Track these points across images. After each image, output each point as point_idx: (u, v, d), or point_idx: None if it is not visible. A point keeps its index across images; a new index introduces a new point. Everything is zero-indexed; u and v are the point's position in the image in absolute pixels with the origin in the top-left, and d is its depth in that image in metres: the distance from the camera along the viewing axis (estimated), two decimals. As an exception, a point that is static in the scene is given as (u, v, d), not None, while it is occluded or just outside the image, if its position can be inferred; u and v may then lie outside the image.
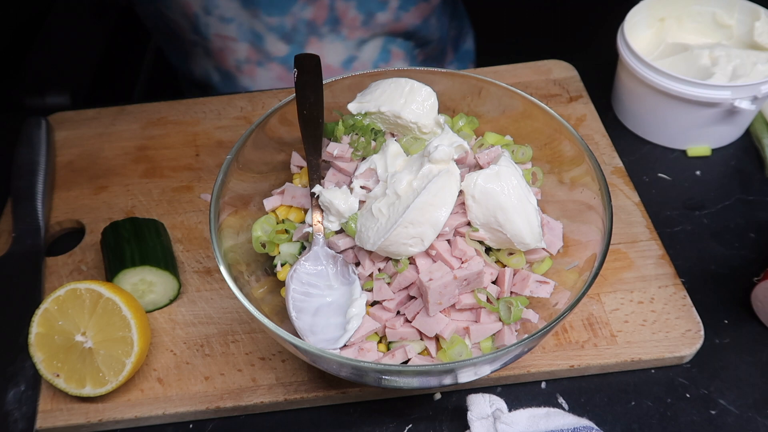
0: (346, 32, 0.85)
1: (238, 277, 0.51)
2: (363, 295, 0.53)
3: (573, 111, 0.75)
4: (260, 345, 0.58)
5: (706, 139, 0.72)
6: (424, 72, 0.61)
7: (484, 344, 0.53)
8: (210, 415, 0.55)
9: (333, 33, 0.85)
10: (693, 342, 0.56)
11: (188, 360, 0.57)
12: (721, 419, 0.54)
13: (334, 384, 0.55)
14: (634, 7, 0.74)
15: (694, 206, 0.68)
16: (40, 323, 0.53)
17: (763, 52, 0.71)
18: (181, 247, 0.66)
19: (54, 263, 0.65)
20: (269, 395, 0.55)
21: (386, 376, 0.47)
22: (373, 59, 0.88)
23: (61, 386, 0.53)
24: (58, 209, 0.70)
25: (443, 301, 0.51)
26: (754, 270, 0.62)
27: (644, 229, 0.64)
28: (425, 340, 0.52)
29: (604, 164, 0.70)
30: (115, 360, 0.53)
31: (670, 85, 0.67)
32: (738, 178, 0.71)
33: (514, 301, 0.52)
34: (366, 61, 0.88)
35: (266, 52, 0.85)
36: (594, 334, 0.57)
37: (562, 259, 0.56)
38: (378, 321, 0.53)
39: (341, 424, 0.55)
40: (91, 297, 0.54)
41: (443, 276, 0.51)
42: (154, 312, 0.61)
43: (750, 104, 0.66)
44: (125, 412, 0.55)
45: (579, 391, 0.56)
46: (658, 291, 0.60)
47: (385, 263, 0.53)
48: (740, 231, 0.66)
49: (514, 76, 0.79)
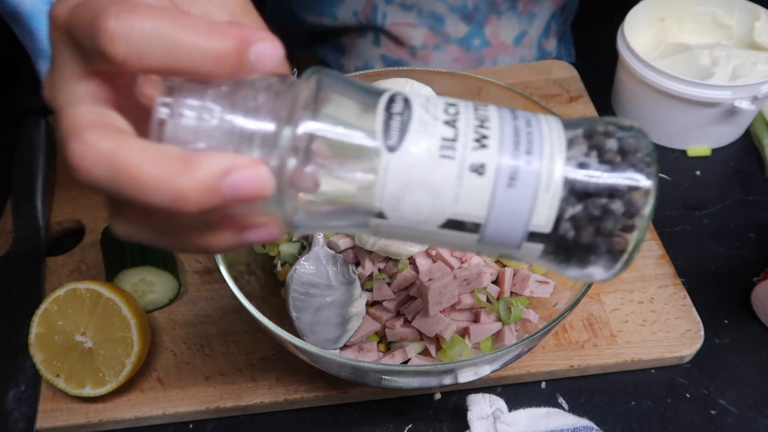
0: (521, 6, 0.86)
1: (238, 277, 0.51)
2: (363, 295, 0.53)
3: (573, 111, 0.75)
4: (260, 345, 0.58)
5: (706, 139, 0.72)
6: (424, 72, 0.61)
7: (484, 344, 0.53)
8: (210, 415, 0.55)
9: (511, 9, 0.85)
10: (693, 342, 0.56)
11: (188, 360, 0.57)
12: (721, 419, 0.54)
13: (334, 384, 0.55)
14: (634, 7, 0.74)
15: (694, 206, 0.68)
16: (40, 323, 0.53)
17: (763, 52, 0.71)
18: (181, 247, 0.65)
19: (54, 263, 0.65)
20: (269, 395, 0.55)
21: (386, 376, 0.47)
22: (538, 35, 0.89)
23: (61, 386, 0.53)
24: (58, 209, 0.70)
25: (443, 301, 0.51)
26: (754, 270, 0.62)
27: (644, 229, 0.64)
28: (425, 341, 0.53)
29: (604, 164, 0.70)
30: (115, 360, 0.53)
31: (670, 85, 0.67)
32: (738, 178, 0.71)
33: (514, 301, 0.52)
34: (533, 37, 0.88)
35: (445, 34, 0.85)
36: (594, 334, 0.57)
37: (562, 259, 0.56)
38: (378, 321, 0.53)
39: (341, 424, 0.55)
40: (91, 297, 0.54)
41: (443, 276, 0.51)
42: (154, 312, 0.61)
43: (750, 104, 0.66)
44: (125, 412, 0.55)
45: (579, 391, 0.56)
46: (658, 291, 0.60)
47: (385, 263, 0.53)
48: (740, 231, 0.66)
49: (514, 76, 0.79)
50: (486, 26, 0.85)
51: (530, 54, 0.89)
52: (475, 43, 0.86)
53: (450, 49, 0.86)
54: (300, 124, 0.28)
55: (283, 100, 0.28)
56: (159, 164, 0.26)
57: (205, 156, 0.27)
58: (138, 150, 0.27)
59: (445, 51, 0.86)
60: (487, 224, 0.29)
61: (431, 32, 0.85)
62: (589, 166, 0.29)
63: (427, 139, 0.28)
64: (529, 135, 0.29)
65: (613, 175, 0.29)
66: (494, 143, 0.29)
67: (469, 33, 0.85)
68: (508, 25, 0.86)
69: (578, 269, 0.31)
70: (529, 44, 0.88)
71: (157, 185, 0.26)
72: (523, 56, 0.88)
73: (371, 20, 0.85)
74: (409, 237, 0.31)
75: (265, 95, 0.28)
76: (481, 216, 0.29)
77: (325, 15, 0.88)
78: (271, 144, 0.28)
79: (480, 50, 0.86)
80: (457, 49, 0.86)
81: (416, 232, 0.30)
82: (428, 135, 0.29)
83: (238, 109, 0.28)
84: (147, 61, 0.27)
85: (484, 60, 0.87)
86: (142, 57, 0.27)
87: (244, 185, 0.27)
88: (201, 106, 0.28)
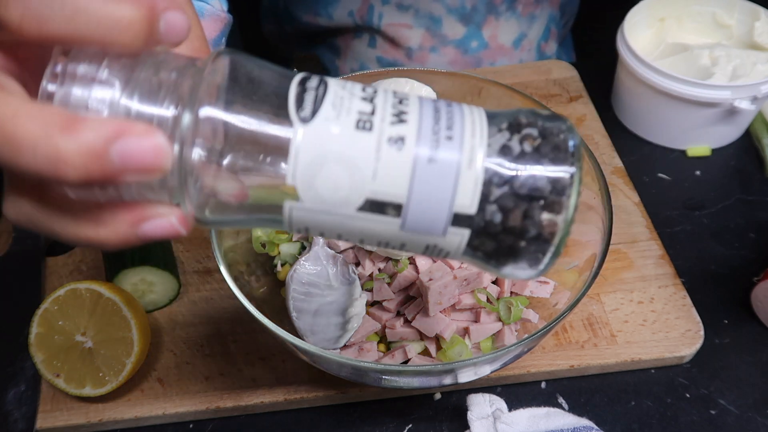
0: (520, 8, 0.85)
1: (238, 277, 0.51)
2: (363, 295, 0.53)
3: (573, 111, 0.75)
4: (260, 345, 0.58)
5: (706, 139, 0.72)
6: (424, 72, 0.61)
7: (484, 344, 0.53)
8: (210, 415, 0.55)
9: (509, 10, 0.85)
10: (693, 342, 0.56)
11: (188, 360, 0.57)
12: (721, 419, 0.54)
13: (334, 384, 0.55)
14: (634, 7, 0.74)
15: (694, 206, 0.68)
16: (40, 323, 0.53)
17: (763, 52, 0.71)
18: (181, 247, 0.66)
19: (54, 263, 0.65)
20: (269, 395, 0.55)
21: (386, 376, 0.47)
22: (537, 38, 0.88)
23: (61, 386, 0.53)
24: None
25: (443, 301, 0.51)
26: (754, 270, 0.62)
27: (644, 229, 0.64)
28: (425, 340, 0.53)
29: (604, 164, 0.70)
30: (115, 360, 0.53)
31: (670, 85, 0.68)
32: (738, 178, 0.71)
33: (514, 301, 0.52)
34: (532, 39, 0.87)
35: (442, 36, 0.84)
36: (594, 334, 0.57)
37: (562, 259, 0.55)
38: (378, 321, 0.53)
39: (341, 424, 0.55)
40: (91, 297, 0.54)
41: (443, 276, 0.51)
42: (154, 312, 0.61)
43: (750, 104, 0.66)
44: (125, 412, 0.55)
45: (579, 391, 0.56)
46: (658, 291, 0.60)
47: (385, 263, 0.53)
48: (740, 231, 0.66)
49: (514, 76, 0.79)
50: (484, 28, 0.85)
51: (529, 57, 0.88)
52: (472, 44, 0.85)
53: (447, 51, 0.86)
54: (203, 105, 0.26)
55: (188, 79, 0.26)
56: (38, 122, 0.23)
57: (93, 119, 0.24)
58: (17, 106, 0.24)
59: (441, 53, 0.86)
60: (409, 205, 0.28)
61: (428, 33, 0.85)
62: (513, 149, 0.28)
63: (343, 112, 0.27)
64: (449, 113, 0.28)
65: (538, 158, 0.28)
66: (413, 118, 0.28)
67: (466, 34, 0.85)
68: (506, 27, 0.86)
69: (505, 262, 0.30)
70: (528, 47, 0.88)
71: (36, 146, 0.23)
72: (522, 59, 0.88)
73: (367, 21, 0.85)
74: (326, 227, 0.29)
75: (169, 73, 0.26)
76: (402, 195, 0.27)
77: (321, 15, 0.88)
78: (171, 126, 0.26)
79: (478, 52, 0.86)
80: (454, 51, 0.86)
81: (334, 218, 0.28)
82: (344, 108, 0.27)
83: (138, 84, 0.26)
84: (46, 28, 0.24)
85: (482, 62, 0.86)
86: (40, 23, 0.24)
87: (136, 153, 0.24)
88: (97, 78, 0.25)
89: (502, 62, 0.87)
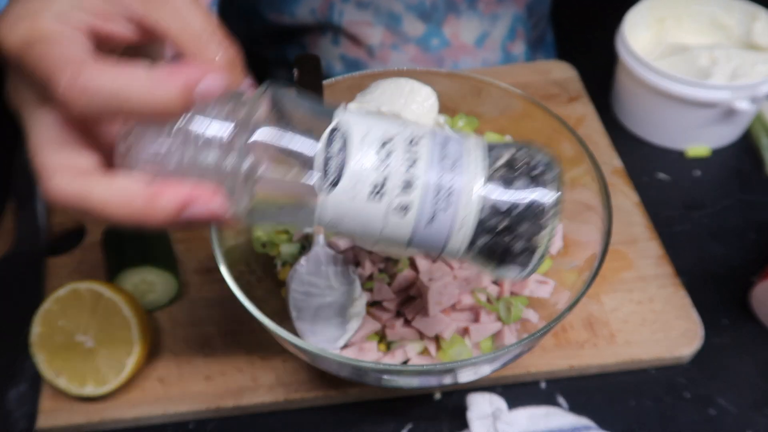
0: (482, 7, 0.84)
1: (238, 277, 0.51)
2: (363, 295, 0.53)
3: (572, 111, 0.75)
4: (260, 345, 0.58)
5: (706, 139, 0.72)
6: (424, 72, 0.61)
7: (484, 344, 0.53)
8: (210, 415, 0.55)
9: (471, 9, 0.84)
10: (692, 342, 0.56)
11: (189, 360, 0.58)
12: (721, 419, 0.54)
13: (334, 384, 0.55)
14: (634, 7, 0.74)
15: (694, 206, 0.68)
16: (41, 323, 0.54)
17: (762, 53, 0.71)
18: (181, 247, 0.66)
19: (55, 264, 0.65)
20: (270, 395, 0.55)
21: (386, 376, 0.47)
22: (502, 37, 0.87)
23: (61, 386, 0.53)
24: (59, 210, 0.70)
25: (443, 301, 0.51)
26: (754, 270, 0.62)
27: (644, 229, 0.64)
28: (425, 340, 0.53)
29: (603, 164, 0.70)
30: (115, 360, 0.53)
31: (669, 86, 0.68)
32: (738, 178, 0.71)
33: (514, 301, 0.52)
34: (496, 38, 0.86)
35: (402, 33, 0.84)
36: (594, 334, 0.57)
37: (561, 259, 0.56)
38: (378, 321, 0.53)
39: (341, 424, 0.55)
40: (92, 297, 0.54)
41: (443, 276, 0.51)
42: (155, 312, 0.61)
43: (749, 104, 0.66)
44: (126, 411, 0.55)
45: (579, 391, 0.56)
46: (657, 291, 0.60)
47: (385, 263, 0.53)
48: (740, 231, 0.66)
49: (513, 76, 0.79)
50: (444, 26, 0.84)
51: (494, 56, 0.87)
52: (434, 42, 0.84)
53: (408, 49, 0.85)
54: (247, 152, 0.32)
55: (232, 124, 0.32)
56: (123, 206, 0.32)
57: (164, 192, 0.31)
58: (104, 190, 0.32)
59: (403, 50, 0.85)
60: (411, 242, 0.35)
61: (388, 31, 0.84)
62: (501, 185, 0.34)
63: (359, 185, 0.33)
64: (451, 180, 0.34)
65: (524, 190, 0.34)
66: (419, 187, 0.34)
67: (427, 32, 0.84)
68: (468, 25, 0.84)
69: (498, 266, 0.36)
70: (492, 46, 0.86)
71: (124, 221, 0.32)
72: (486, 58, 0.86)
73: (328, 18, 0.84)
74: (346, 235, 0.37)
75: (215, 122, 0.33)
76: (404, 240, 0.35)
77: (284, 13, 0.87)
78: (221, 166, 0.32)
79: (439, 50, 0.85)
80: (415, 48, 0.85)
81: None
82: (360, 181, 0.33)
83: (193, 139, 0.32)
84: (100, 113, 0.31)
85: (444, 61, 0.85)
86: (95, 112, 0.31)
87: (200, 215, 0.32)
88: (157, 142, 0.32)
89: (465, 61, 0.86)
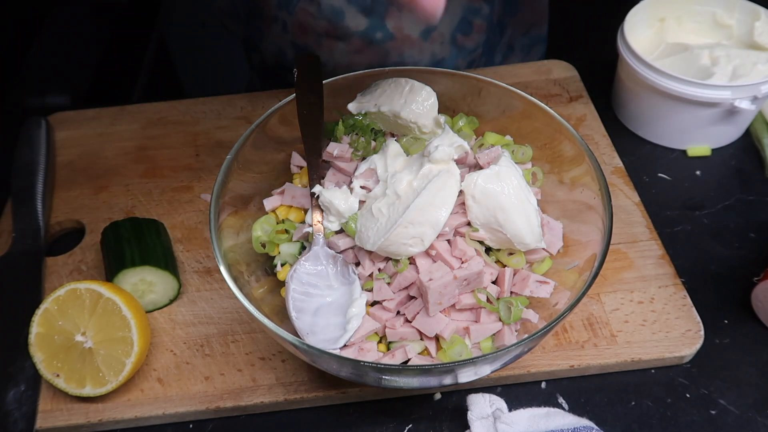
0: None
1: (238, 277, 0.51)
2: (363, 295, 0.53)
3: (573, 111, 0.75)
4: (260, 345, 0.58)
5: (706, 139, 0.72)
6: (424, 72, 0.61)
7: (484, 344, 0.53)
8: (210, 415, 0.55)
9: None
10: (693, 342, 0.56)
11: (188, 360, 0.57)
12: (721, 419, 0.54)
13: (334, 384, 0.55)
14: (634, 7, 0.74)
15: (694, 206, 0.68)
16: (40, 323, 0.53)
17: (763, 52, 0.71)
18: (181, 247, 0.66)
19: (54, 263, 0.65)
20: (269, 395, 0.55)
21: (386, 376, 0.47)
22: (451, 30, 0.85)
23: (61, 386, 0.53)
24: (58, 209, 0.70)
25: (443, 301, 0.51)
26: (754, 270, 0.62)
27: (644, 229, 0.64)
28: (425, 340, 0.52)
29: (604, 164, 0.70)
30: (115, 360, 0.53)
31: (669, 85, 0.68)
32: (738, 178, 0.71)
33: (514, 301, 0.52)
34: (444, 31, 0.85)
35: (345, 27, 0.83)
36: (594, 334, 0.57)
37: (562, 259, 0.56)
38: (378, 321, 0.53)
39: (341, 424, 0.55)
40: (91, 297, 0.54)
41: (443, 276, 0.51)
42: (154, 312, 0.61)
43: (750, 104, 0.66)
44: (125, 412, 0.55)
45: (579, 391, 0.56)
46: (658, 291, 0.60)
47: (385, 263, 0.53)
48: (740, 231, 0.66)
49: (514, 76, 0.79)
50: (387, 19, 0.82)
51: (444, 50, 0.85)
52: (377, 35, 0.83)
53: (353, 42, 0.84)
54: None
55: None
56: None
57: None
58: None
59: (348, 42, 0.84)
60: None
61: (330, 25, 0.83)
62: None
63: None
64: None
65: None
66: None
67: (369, 26, 0.83)
68: (411, 18, 0.82)
69: None
70: (439, 39, 0.85)
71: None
72: (435, 52, 0.85)
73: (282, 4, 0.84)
74: None
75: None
76: None
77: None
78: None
79: (384, 43, 0.84)
80: (360, 41, 0.84)
81: None
82: None
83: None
84: None
85: (389, 53, 0.84)
86: None
87: None
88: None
89: (411, 54, 0.85)
